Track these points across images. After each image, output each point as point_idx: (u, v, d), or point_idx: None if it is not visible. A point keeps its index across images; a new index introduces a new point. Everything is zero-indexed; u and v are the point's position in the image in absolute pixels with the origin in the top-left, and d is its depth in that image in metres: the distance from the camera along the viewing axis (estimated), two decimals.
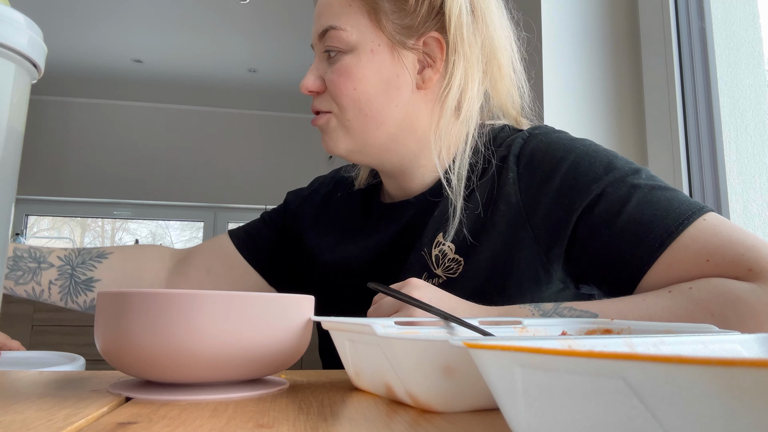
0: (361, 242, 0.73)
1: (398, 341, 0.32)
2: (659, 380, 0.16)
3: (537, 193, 0.61)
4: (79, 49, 3.64)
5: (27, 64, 0.40)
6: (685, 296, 0.50)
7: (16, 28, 0.38)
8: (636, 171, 0.59)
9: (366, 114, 0.64)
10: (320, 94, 0.67)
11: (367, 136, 0.66)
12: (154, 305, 0.36)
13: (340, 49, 0.64)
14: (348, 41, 0.63)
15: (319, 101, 0.67)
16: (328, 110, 0.66)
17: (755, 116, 1.20)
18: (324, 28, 0.65)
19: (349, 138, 0.66)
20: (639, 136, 1.37)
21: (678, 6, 1.29)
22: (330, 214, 0.80)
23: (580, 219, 0.58)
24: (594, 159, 0.61)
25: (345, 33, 0.63)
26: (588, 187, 0.59)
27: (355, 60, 0.63)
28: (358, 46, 0.63)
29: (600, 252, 0.57)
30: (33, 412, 0.32)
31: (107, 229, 4.79)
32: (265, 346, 0.38)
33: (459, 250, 0.63)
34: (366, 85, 0.63)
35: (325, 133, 0.68)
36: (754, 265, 0.50)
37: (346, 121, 0.65)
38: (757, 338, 0.29)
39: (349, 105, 0.64)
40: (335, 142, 0.67)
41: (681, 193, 0.58)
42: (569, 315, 0.52)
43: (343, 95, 0.64)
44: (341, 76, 0.63)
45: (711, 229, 0.53)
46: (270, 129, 4.71)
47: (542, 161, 0.63)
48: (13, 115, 0.40)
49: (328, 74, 0.65)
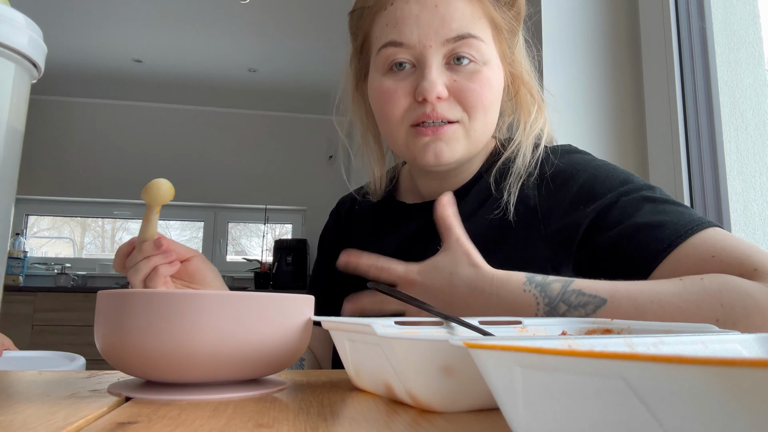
0: (384, 243, 0.74)
1: (398, 341, 0.32)
2: (659, 380, 0.16)
3: (555, 198, 0.65)
4: (79, 49, 3.65)
5: (27, 63, 0.40)
6: (696, 284, 0.51)
7: (16, 28, 0.38)
8: (651, 187, 0.63)
9: (487, 124, 0.66)
10: (441, 101, 0.64)
11: (479, 144, 0.68)
12: (154, 305, 0.36)
13: (476, 59, 0.64)
14: (484, 53, 0.64)
15: (448, 109, 0.64)
16: (456, 119, 0.64)
17: (755, 116, 1.20)
18: (461, 34, 0.63)
19: (467, 146, 0.66)
20: (639, 136, 1.37)
21: (678, 6, 1.29)
22: (352, 228, 0.82)
23: (592, 222, 0.61)
24: (612, 174, 0.65)
25: (483, 45, 0.64)
26: (603, 195, 0.62)
27: (491, 72, 0.65)
28: (491, 60, 0.65)
29: (609, 252, 0.59)
30: (33, 412, 0.32)
31: (107, 229, 4.79)
32: (265, 346, 0.38)
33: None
34: (496, 98, 0.66)
35: (447, 142, 0.65)
36: (759, 266, 0.51)
37: (472, 130, 0.65)
38: (758, 338, 0.29)
39: (481, 115, 0.65)
40: (454, 152, 0.65)
41: (692, 209, 0.61)
42: (576, 301, 0.51)
43: (480, 105, 0.64)
44: (484, 87, 0.64)
45: (719, 236, 0.55)
46: (270, 129, 4.71)
47: (563, 171, 0.66)
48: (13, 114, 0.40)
49: (461, 82, 0.64)
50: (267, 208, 4.61)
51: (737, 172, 1.18)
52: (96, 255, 4.63)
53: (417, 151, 0.65)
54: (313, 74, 3.95)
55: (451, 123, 0.64)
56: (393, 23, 0.64)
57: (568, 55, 1.37)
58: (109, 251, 4.70)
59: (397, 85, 0.65)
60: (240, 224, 4.83)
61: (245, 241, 4.87)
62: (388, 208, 0.79)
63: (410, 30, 0.63)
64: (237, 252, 4.78)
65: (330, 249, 0.84)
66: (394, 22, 0.64)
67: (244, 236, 4.86)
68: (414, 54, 0.64)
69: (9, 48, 0.38)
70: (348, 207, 0.86)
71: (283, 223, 4.83)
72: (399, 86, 0.65)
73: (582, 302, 0.51)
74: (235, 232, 4.84)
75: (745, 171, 1.18)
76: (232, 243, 4.78)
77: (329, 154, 4.54)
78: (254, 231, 4.85)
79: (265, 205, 4.58)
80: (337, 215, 0.87)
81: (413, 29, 0.63)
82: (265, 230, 4.71)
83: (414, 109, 0.64)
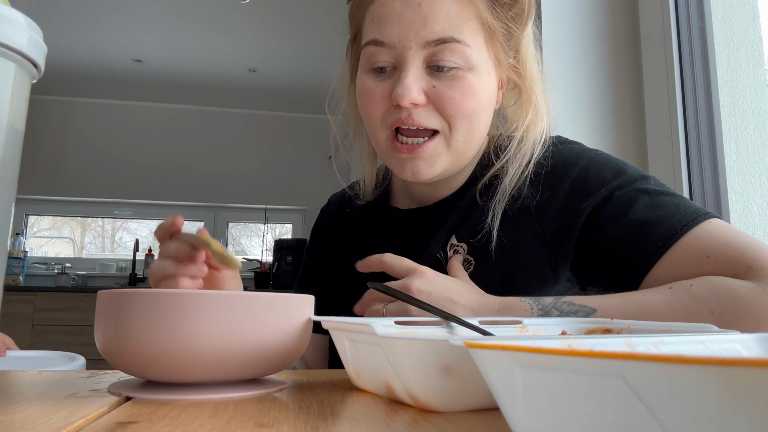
0: (381, 250, 0.73)
1: (398, 341, 0.32)
2: (659, 380, 0.16)
3: (547, 196, 0.63)
4: (80, 48, 3.64)
5: (27, 63, 0.40)
6: (685, 292, 0.50)
7: (16, 28, 0.38)
8: (644, 177, 0.61)
9: (472, 134, 0.62)
10: (418, 107, 0.60)
11: (465, 156, 0.64)
12: (154, 305, 0.36)
13: (459, 65, 0.59)
14: (470, 59, 0.59)
15: (425, 117, 0.60)
16: (435, 128, 0.60)
17: (755, 116, 1.20)
18: (443, 37, 0.58)
19: (448, 159, 0.62)
20: (639, 136, 1.37)
21: (678, 6, 1.29)
22: (344, 230, 0.81)
23: (587, 220, 0.60)
24: (604, 165, 0.62)
25: (469, 49, 0.59)
26: (597, 191, 0.60)
27: (476, 79, 0.60)
28: (479, 66, 0.60)
29: (605, 252, 0.59)
30: (33, 412, 0.32)
31: (107, 229, 4.79)
32: (265, 346, 0.38)
33: (471, 251, 0.65)
34: (481, 106, 0.61)
35: (426, 160, 0.61)
36: (754, 263, 0.51)
37: (454, 141, 0.61)
38: (757, 338, 0.29)
39: (463, 124, 0.60)
40: (434, 168, 0.62)
41: (688, 200, 0.59)
42: (567, 309, 0.52)
43: (462, 114, 0.60)
44: (465, 95, 0.59)
45: (714, 230, 0.54)
46: (270, 129, 4.71)
47: (554, 167, 0.64)
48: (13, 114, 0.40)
49: (440, 89, 0.59)
50: (267, 208, 4.61)
51: (737, 172, 1.18)
52: (96, 255, 4.63)
53: (395, 166, 0.63)
54: (313, 74, 3.95)
55: (432, 135, 0.61)
56: (377, 20, 0.61)
57: (568, 55, 1.37)
58: (109, 251, 4.71)
59: (377, 86, 0.61)
60: (240, 224, 4.83)
61: (245, 241, 4.87)
62: (382, 214, 0.77)
63: (391, 29, 0.59)
64: (237, 252, 4.78)
65: (324, 249, 0.83)
66: (378, 18, 0.61)
67: (244, 236, 4.86)
68: (394, 54, 0.60)
69: (9, 48, 0.38)
70: (339, 206, 0.84)
71: (283, 223, 4.83)
72: (378, 88, 0.61)
73: (573, 310, 0.52)
74: (235, 232, 4.84)
75: (745, 171, 1.18)
76: (232, 243, 4.78)
77: (329, 154, 4.54)
78: (254, 231, 4.85)
79: (265, 205, 4.58)
80: (329, 214, 0.85)
81: (394, 28, 0.59)
82: (265, 230, 4.71)
83: (391, 113, 0.61)
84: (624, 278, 0.57)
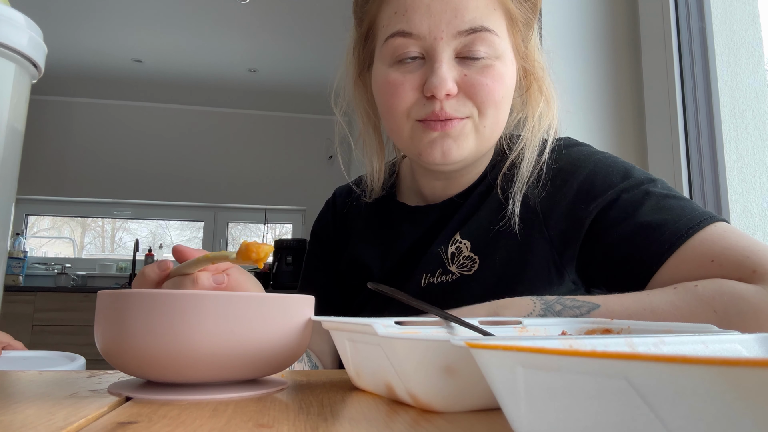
0: (386, 246, 0.73)
1: (399, 341, 0.32)
2: (663, 380, 0.16)
3: (555, 197, 0.63)
4: (80, 49, 3.65)
5: (27, 63, 0.40)
6: (689, 293, 0.51)
7: (16, 28, 0.38)
8: (652, 180, 0.61)
9: (498, 122, 0.63)
10: (450, 98, 0.60)
11: (489, 143, 0.65)
12: (154, 305, 0.36)
13: (489, 54, 0.60)
14: (498, 47, 0.60)
15: (456, 106, 0.60)
16: (466, 116, 0.61)
17: (755, 116, 1.20)
18: (475, 26, 0.59)
19: (476, 144, 0.63)
20: (639, 136, 1.37)
21: (678, 6, 1.29)
22: (350, 222, 0.80)
23: (594, 222, 0.60)
24: (612, 168, 0.63)
25: (497, 38, 0.60)
26: (604, 193, 0.61)
27: (504, 67, 0.61)
28: (504, 55, 0.62)
29: (611, 254, 0.59)
30: (33, 412, 0.32)
31: (107, 229, 4.79)
32: (265, 346, 0.38)
33: (474, 248, 0.65)
34: (508, 94, 0.63)
35: (455, 139, 0.61)
36: (758, 267, 0.51)
37: (482, 127, 0.62)
38: (758, 338, 0.29)
39: (492, 111, 0.61)
40: (462, 149, 0.62)
41: (694, 203, 0.59)
42: (571, 304, 0.52)
43: (492, 101, 0.61)
44: (496, 82, 0.60)
45: (720, 234, 0.55)
46: (270, 129, 4.71)
47: (562, 168, 0.65)
48: (13, 114, 0.40)
49: (472, 77, 0.60)
50: (267, 208, 4.61)
51: (737, 172, 1.18)
52: (96, 255, 4.63)
53: (423, 148, 0.62)
54: (313, 74, 3.95)
55: (458, 119, 0.61)
56: (402, 11, 0.60)
57: (568, 56, 1.37)
58: (109, 251, 4.71)
59: (405, 77, 0.61)
60: (240, 224, 4.83)
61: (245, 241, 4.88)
62: (389, 209, 0.77)
63: (420, 19, 0.59)
64: None
65: (329, 244, 0.82)
66: (404, 10, 0.60)
67: (244, 236, 4.86)
68: (423, 45, 0.60)
69: (9, 48, 0.38)
70: (345, 199, 0.83)
71: (283, 223, 4.83)
72: (406, 79, 0.61)
73: (576, 305, 0.53)
74: (235, 232, 4.84)
75: (745, 171, 1.18)
76: (232, 243, 4.78)
77: (329, 154, 4.54)
78: (254, 231, 4.85)
79: (265, 205, 4.58)
80: (334, 207, 0.84)
81: (423, 19, 0.59)
82: (265, 230, 4.71)
83: (422, 105, 0.61)
84: (629, 280, 0.58)
